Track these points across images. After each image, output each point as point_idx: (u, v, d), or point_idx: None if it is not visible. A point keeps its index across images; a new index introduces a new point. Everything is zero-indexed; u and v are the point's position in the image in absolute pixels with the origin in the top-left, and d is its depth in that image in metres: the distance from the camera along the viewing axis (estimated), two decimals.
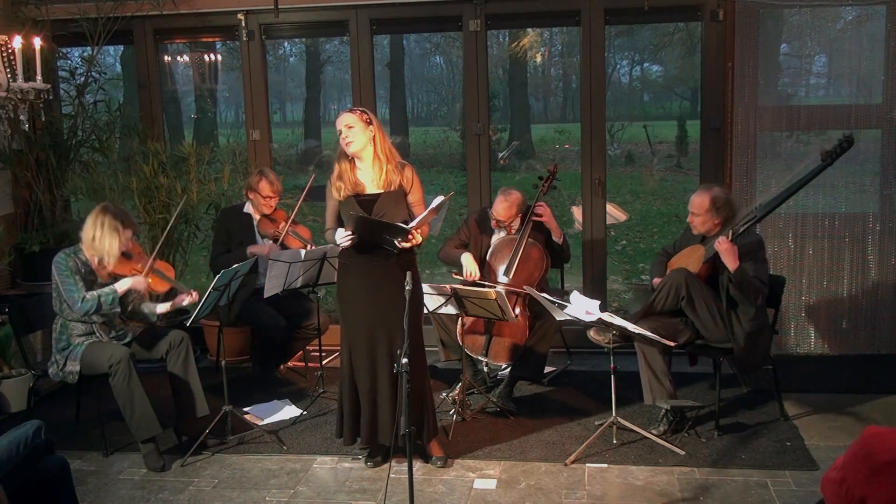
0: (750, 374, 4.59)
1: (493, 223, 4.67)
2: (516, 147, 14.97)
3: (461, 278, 4.55)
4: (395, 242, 3.59)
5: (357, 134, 3.64)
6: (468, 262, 4.63)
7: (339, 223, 3.78)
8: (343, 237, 3.65)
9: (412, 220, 3.66)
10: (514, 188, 4.72)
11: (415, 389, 3.74)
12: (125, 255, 4.08)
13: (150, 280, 4.12)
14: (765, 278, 4.05)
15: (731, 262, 3.91)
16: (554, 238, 4.63)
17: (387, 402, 3.72)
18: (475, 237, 4.77)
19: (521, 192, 4.70)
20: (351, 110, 3.71)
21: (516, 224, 4.66)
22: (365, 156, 3.70)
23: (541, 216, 4.59)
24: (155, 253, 4.20)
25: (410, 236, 3.60)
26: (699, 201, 4.13)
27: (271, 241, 4.81)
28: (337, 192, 3.73)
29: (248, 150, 5.72)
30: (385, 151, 3.71)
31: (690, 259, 4.19)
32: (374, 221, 3.59)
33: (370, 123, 3.68)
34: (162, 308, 4.16)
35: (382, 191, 3.69)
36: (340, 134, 3.67)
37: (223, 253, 4.92)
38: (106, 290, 3.95)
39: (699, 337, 4.13)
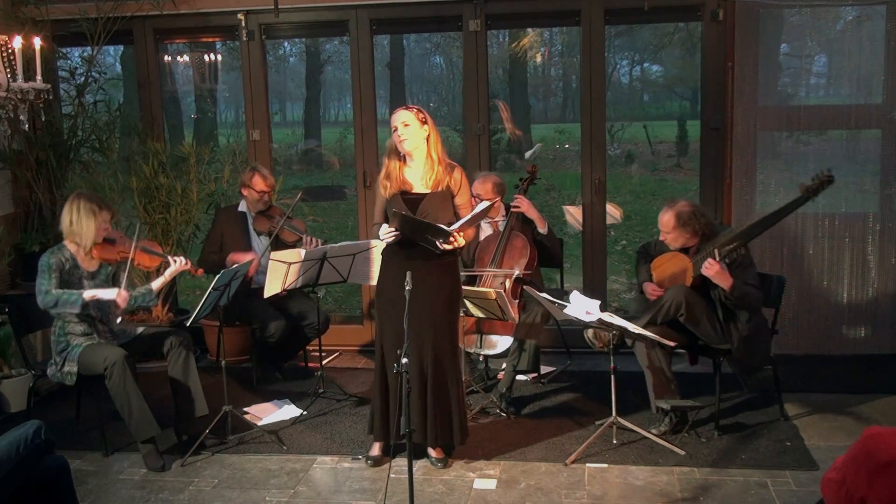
0: (750, 376, 4.60)
1: (472, 201, 4.70)
2: (540, 149, 14.99)
3: None
4: (437, 243, 3.60)
5: (412, 132, 3.65)
6: None
7: (387, 219, 3.79)
8: (386, 233, 3.66)
9: (456, 222, 3.68)
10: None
11: (449, 391, 3.77)
12: (108, 241, 4.07)
13: (138, 261, 4.11)
14: (757, 282, 4.04)
15: (724, 282, 3.90)
16: (538, 229, 4.68)
17: (416, 402, 3.72)
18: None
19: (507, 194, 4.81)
20: (407, 108, 3.70)
21: (500, 218, 4.77)
22: (417, 155, 3.71)
23: (519, 207, 4.68)
24: (136, 234, 4.16)
25: (452, 238, 3.59)
26: (665, 219, 4.12)
27: (255, 258, 4.80)
28: (384, 189, 3.74)
29: (248, 150, 5.72)
30: (438, 151, 3.71)
31: (677, 269, 4.17)
32: (416, 221, 3.59)
33: (425, 122, 3.69)
34: (157, 284, 4.14)
35: (430, 191, 3.70)
36: (396, 131, 3.66)
37: (213, 252, 4.94)
38: (72, 291, 3.91)
39: (699, 337, 4.13)
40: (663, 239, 4.20)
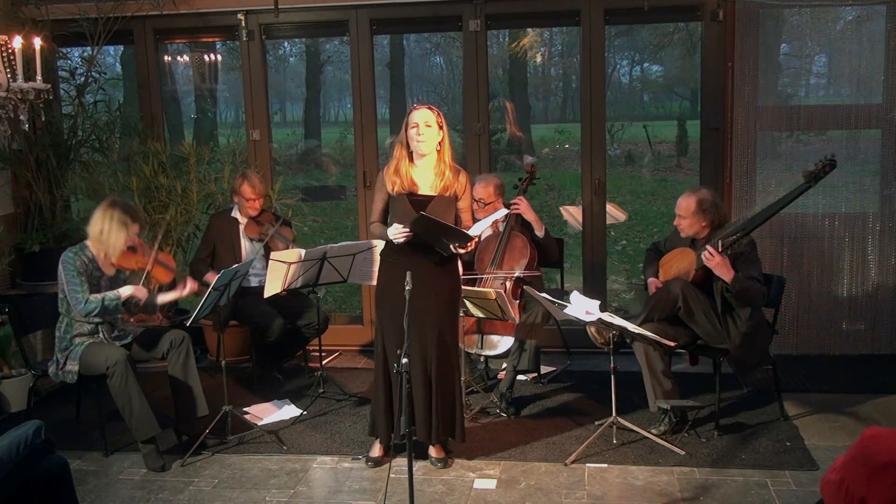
0: (748, 374, 4.59)
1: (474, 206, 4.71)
2: (544, 155, 15.04)
3: None
4: (452, 247, 3.59)
5: (432, 135, 3.64)
6: None
7: (385, 218, 3.78)
8: (398, 232, 3.62)
9: (458, 226, 3.69)
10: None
11: (450, 390, 3.78)
12: (130, 249, 4.09)
13: (153, 274, 4.15)
14: (761, 277, 4.04)
15: (725, 274, 3.90)
16: (535, 231, 4.69)
17: (421, 401, 3.72)
18: None
19: (506, 194, 4.80)
20: (430, 108, 3.66)
21: (500, 211, 4.75)
22: (428, 157, 3.70)
23: (518, 206, 4.68)
24: (157, 245, 4.22)
25: (469, 243, 3.60)
26: (685, 204, 4.11)
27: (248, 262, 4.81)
28: (391, 185, 3.70)
29: (248, 150, 5.72)
30: (449, 156, 3.71)
31: (682, 265, 4.17)
32: (437, 223, 3.56)
33: (442, 127, 3.68)
34: (162, 299, 4.20)
35: (437, 194, 3.69)
36: (416, 128, 3.62)
37: (202, 261, 4.95)
38: (110, 294, 3.96)
39: (699, 337, 4.13)
40: (677, 224, 4.18)
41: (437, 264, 3.69)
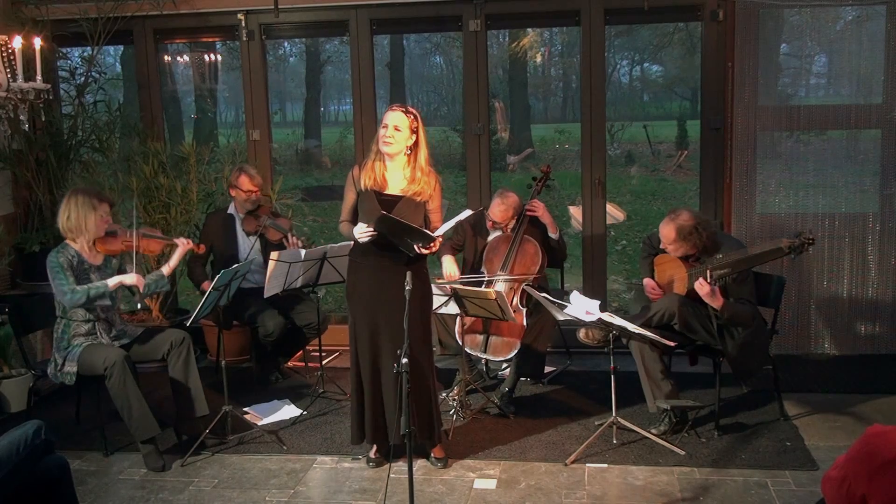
0: (746, 379, 4.59)
1: (489, 224, 4.69)
2: (530, 154, 15.02)
3: (442, 281, 4.52)
4: (415, 247, 3.58)
5: (400, 138, 3.59)
6: (447, 265, 4.67)
7: (354, 217, 3.76)
8: (362, 232, 3.60)
9: (427, 226, 3.67)
10: (510, 191, 4.76)
11: (422, 391, 3.75)
12: (110, 234, 4.08)
13: (143, 248, 4.16)
14: (752, 297, 4.03)
15: (715, 302, 3.89)
16: (550, 234, 4.66)
17: (391, 403, 3.70)
18: (469, 239, 4.80)
19: (518, 194, 4.75)
20: (406, 111, 3.61)
21: (512, 222, 4.71)
22: (398, 159, 3.66)
23: (535, 211, 4.64)
24: (135, 220, 4.20)
25: (433, 244, 3.58)
26: (665, 232, 4.04)
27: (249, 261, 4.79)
28: (364, 180, 3.66)
29: (248, 150, 5.72)
30: (424, 158, 3.66)
31: (676, 276, 4.16)
32: (399, 223, 3.54)
33: (415, 132, 3.62)
34: (167, 268, 4.21)
35: (405, 196, 3.67)
36: (385, 128, 3.59)
37: (199, 257, 4.92)
38: (98, 284, 3.95)
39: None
40: (664, 247, 4.14)
41: (405, 265, 3.63)
